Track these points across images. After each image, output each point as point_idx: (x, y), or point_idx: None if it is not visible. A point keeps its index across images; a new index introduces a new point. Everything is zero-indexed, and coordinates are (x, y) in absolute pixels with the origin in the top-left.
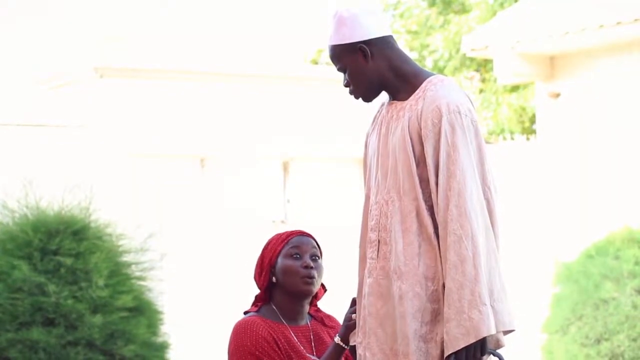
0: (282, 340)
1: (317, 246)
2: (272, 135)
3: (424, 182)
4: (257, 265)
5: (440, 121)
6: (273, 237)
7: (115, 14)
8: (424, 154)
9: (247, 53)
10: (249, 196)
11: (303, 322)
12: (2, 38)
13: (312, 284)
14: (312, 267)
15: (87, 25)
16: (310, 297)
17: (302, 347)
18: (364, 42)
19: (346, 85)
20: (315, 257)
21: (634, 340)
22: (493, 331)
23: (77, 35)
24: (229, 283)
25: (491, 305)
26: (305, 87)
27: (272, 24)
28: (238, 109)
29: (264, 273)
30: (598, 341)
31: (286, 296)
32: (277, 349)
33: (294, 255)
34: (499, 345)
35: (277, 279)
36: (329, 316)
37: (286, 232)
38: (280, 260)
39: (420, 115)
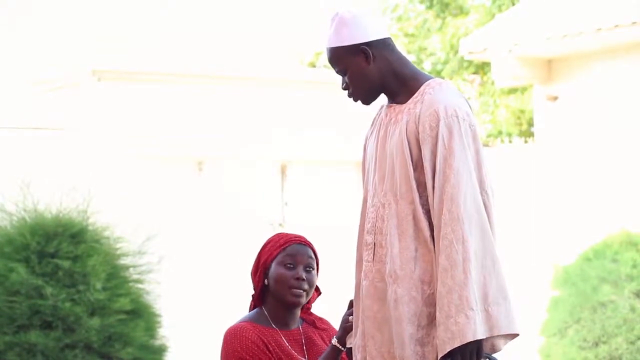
0: (273, 344)
1: (313, 256)
2: (269, 138)
3: (421, 186)
4: (254, 262)
5: (437, 125)
6: (273, 237)
7: (113, 17)
8: (422, 158)
9: (245, 56)
10: (247, 199)
11: (294, 326)
12: None
13: (300, 296)
14: (303, 280)
15: (85, 28)
16: (300, 306)
17: (293, 351)
18: (366, 43)
19: (345, 88)
20: (310, 268)
21: (632, 343)
22: (480, 336)
23: (75, 37)
24: (227, 286)
25: (485, 310)
26: (303, 90)
27: (270, 26)
28: (236, 111)
29: (258, 273)
30: (596, 344)
31: (276, 302)
32: (267, 353)
33: (288, 265)
34: (494, 349)
35: (268, 283)
36: (320, 319)
37: (285, 236)
38: (273, 266)
39: (418, 118)
